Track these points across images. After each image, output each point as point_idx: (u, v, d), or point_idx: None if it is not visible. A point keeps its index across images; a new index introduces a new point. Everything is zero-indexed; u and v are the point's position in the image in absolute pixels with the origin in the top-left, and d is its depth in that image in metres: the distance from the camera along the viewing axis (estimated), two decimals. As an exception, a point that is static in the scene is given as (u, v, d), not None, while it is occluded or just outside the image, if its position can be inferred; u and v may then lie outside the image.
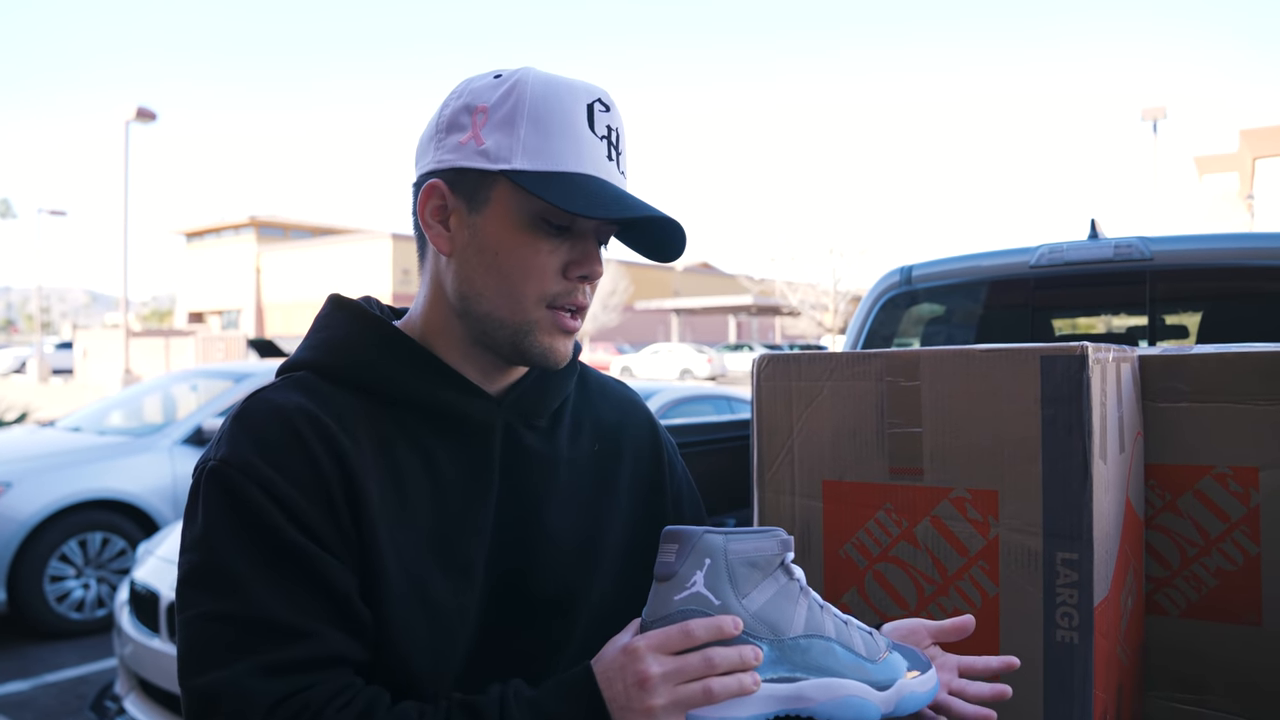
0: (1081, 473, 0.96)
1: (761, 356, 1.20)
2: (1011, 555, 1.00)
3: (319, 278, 41.83)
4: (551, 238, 0.82)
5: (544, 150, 0.80)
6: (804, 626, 0.77)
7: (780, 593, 0.77)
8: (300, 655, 0.72)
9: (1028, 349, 1.00)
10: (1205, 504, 1.21)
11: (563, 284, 0.83)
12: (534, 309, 0.82)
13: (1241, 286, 2.26)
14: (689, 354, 29.15)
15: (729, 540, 0.76)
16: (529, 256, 0.81)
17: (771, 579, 0.77)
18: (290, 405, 0.80)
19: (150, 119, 19.17)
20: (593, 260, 0.83)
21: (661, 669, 0.69)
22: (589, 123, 0.81)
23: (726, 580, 0.75)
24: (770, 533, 0.78)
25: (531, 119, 0.80)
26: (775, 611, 0.76)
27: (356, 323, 0.88)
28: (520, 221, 0.81)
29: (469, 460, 0.86)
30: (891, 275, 2.63)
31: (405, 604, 0.79)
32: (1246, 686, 1.18)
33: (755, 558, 0.76)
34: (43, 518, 4.66)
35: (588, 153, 0.81)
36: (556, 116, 0.80)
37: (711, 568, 0.75)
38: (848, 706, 0.75)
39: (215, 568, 0.74)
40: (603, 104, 0.83)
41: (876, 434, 1.10)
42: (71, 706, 3.81)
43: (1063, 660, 0.97)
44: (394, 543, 0.79)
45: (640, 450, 1.01)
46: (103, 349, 28.58)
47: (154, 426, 5.52)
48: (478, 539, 0.84)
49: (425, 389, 0.85)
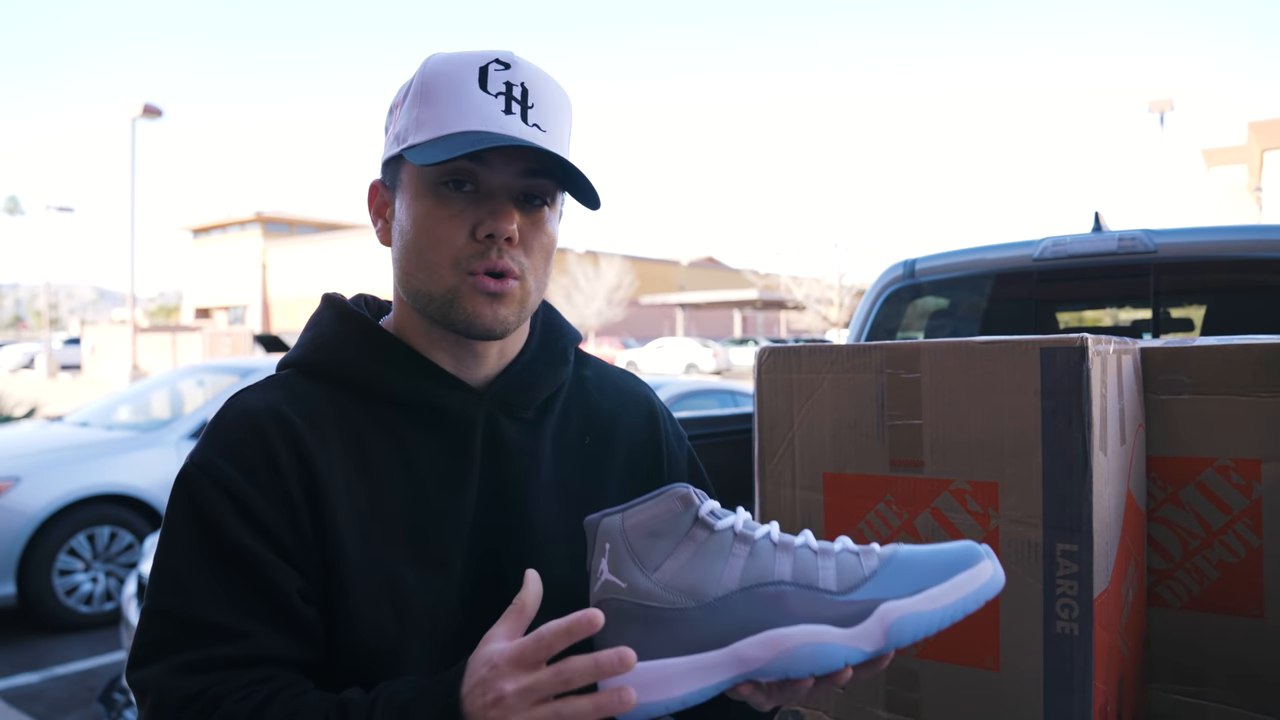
0: (1081, 464, 0.97)
1: (763, 349, 1.21)
2: (1012, 547, 1.01)
3: (325, 273, 41.90)
4: (456, 202, 0.82)
5: (431, 119, 0.82)
6: (739, 581, 0.69)
7: (699, 552, 0.70)
8: (225, 654, 0.74)
9: (1028, 341, 1.00)
10: (1207, 496, 1.21)
11: (473, 245, 0.82)
12: (450, 274, 0.82)
13: (1246, 279, 2.26)
14: (694, 348, 29.15)
15: (625, 518, 0.72)
16: (435, 224, 0.82)
17: (687, 541, 0.71)
18: (260, 407, 0.82)
19: (157, 115, 19.20)
20: (499, 218, 0.81)
21: (516, 686, 0.65)
22: (481, 83, 0.82)
23: (629, 559, 0.71)
24: (666, 493, 0.72)
25: (423, 94, 0.83)
26: (695, 574, 0.70)
27: (342, 320, 0.91)
28: (422, 192, 0.83)
29: (448, 453, 0.86)
30: (895, 269, 2.63)
31: (374, 598, 0.80)
32: (1248, 679, 1.18)
33: (656, 526, 0.71)
34: (51, 512, 4.69)
35: (475, 111, 0.81)
36: (444, 86, 0.82)
37: (612, 551, 0.71)
38: (800, 658, 0.66)
39: (165, 566, 0.78)
40: (500, 63, 0.83)
41: (877, 426, 1.10)
42: (80, 699, 3.84)
43: (1063, 651, 0.98)
44: (363, 537, 0.80)
45: (636, 440, 1.01)
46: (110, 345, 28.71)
47: (161, 421, 5.55)
48: (455, 532, 0.85)
49: (404, 383, 0.86)
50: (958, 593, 0.68)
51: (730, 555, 0.70)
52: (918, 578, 0.69)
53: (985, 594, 0.69)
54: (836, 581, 0.69)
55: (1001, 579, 0.70)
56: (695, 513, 0.72)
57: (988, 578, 0.70)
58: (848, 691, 1.15)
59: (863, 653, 0.67)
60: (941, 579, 0.69)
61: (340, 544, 0.79)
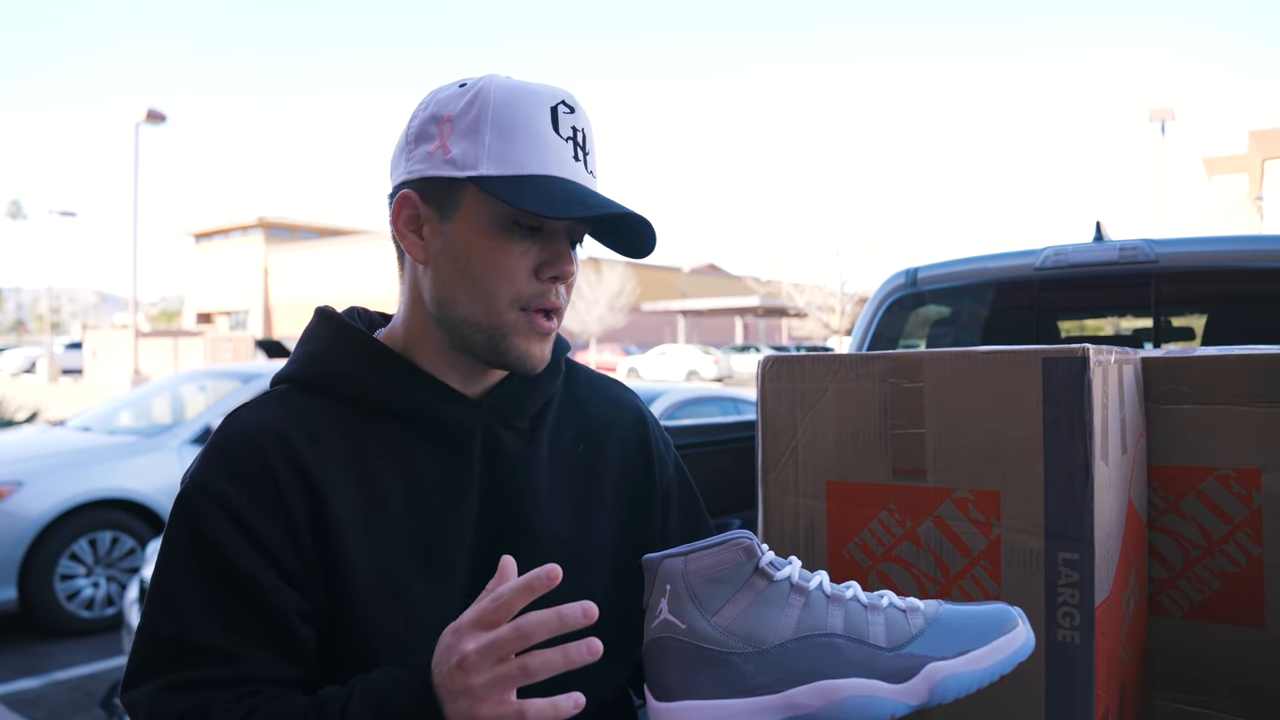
0: (1083, 474, 0.97)
1: (766, 358, 1.22)
2: (1013, 555, 1.01)
3: (327, 278, 41.98)
4: (522, 240, 0.83)
5: (508, 155, 0.81)
6: (794, 630, 0.73)
7: (758, 601, 0.74)
8: (216, 676, 0.74)
9: (1029, 351, 1.01)
10: (1208, 505, 1.21)
11: (535, 285, 0.83)
12: (508, 312, 0.83)
13: (1247, 289, 2.26)
14: (695, 355, 29.17)
15: (688, 562, 0.75)
16: (500, 260, 0.82)
17: (746, 589, 0.74)
18: (260, 424, 0.83)
19: (160, 121, 19.28)
20: (564, 260, 0.84)
21: (476, 645, 0.66)
22: (553, 125, 0.83)
23: (689, 602, 0.74)
24: (732, 541, 0.76)
25: (495, 125, 0.82)
26: (753, 621, 0.73)
27: (337, 335, 0.91)
28: (489, 226, 0.82)
29: (449, 464, 0.87)
30: (897, 277, 2.63)
31: (382, 610, 0.80)
32: (1249, 688, 1.19)
33: (718, 573, 0.75)
34: (53, 516, 4.70)
35: (553, 155, 0.82)
36: (520, 121, 0.82)
37: (673, 593, 0.75)
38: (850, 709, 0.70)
39: (161, 587, 0.78)
40: (567, 105, 0.84)
41: (880, 435, 1.11)
42: (81, 704, 3.84)
43: (1064, 660, 0.98)
44: (369, 550, 0.81)
45: (627, 449, 1.01)
46: (112, 349, 28.73)
47: (163, 426, 5.57)
48: (459, 542, 0.85)
49: (401, 395, 0.86)
50: (996, 656, 0.72)
51: (786, 605, 0.74)
52: (961, 639, 0.73)
53: (1019, 657, 0.74)
54: (886, 638, 0.73)
55: (1033, 642, 0.75)
56: (757, 563, 0.75)
57: (1022, 642, 0.75)
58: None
59: (908, 706, 0.71)
60: (982, 642, 0.73)
61: (345, 557, 0.80)
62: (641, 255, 0.88)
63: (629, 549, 0.96)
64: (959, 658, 0.71)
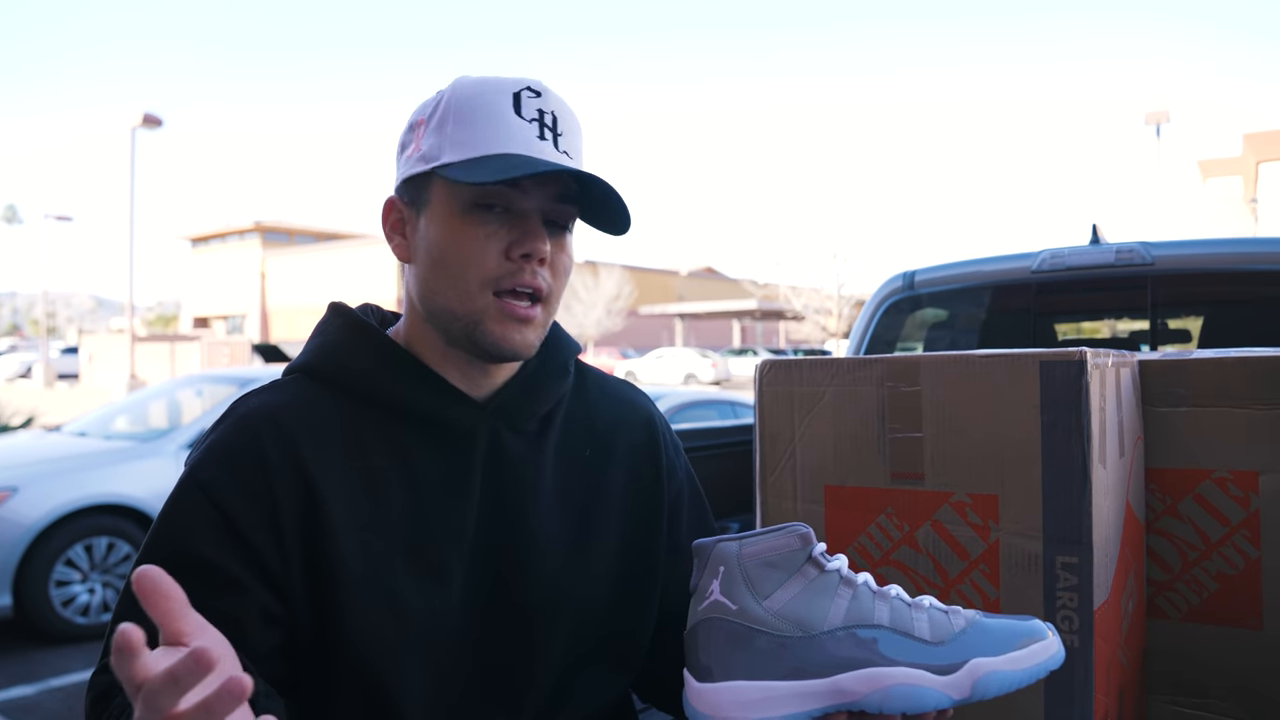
0: (1081, 477, 0.97)
1: (764, 362, 1.21)
2: (1012, 559, 1.01)
3: (324, 283, 41.93)
4: (489, 222, 0.83)
5: (468, 140, 0.82)
6: (843, 619, 0.74)
7: (809, 588, 0.75)
8: None
9: (1027, 354, 1.01)
10: (1205, 508, 1.22)
11: (505, 265, 0.83)
12: (480, 296, 0.83)
13: (1242, 291, 2.27)
14: (693, 358, 29.17)
15: (743, 545, 0.76)
16: (467, 243, 0.83)
17: (798, 576, 0.75)
18: (262, 413, 0.83)
19: (156, 125, 19.24)
20: (533, 238, 0.83)
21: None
22: (516, 109, 0.83)
23: (743, 584, 0.75)
24: (787, 530, 0.77)
25: (457, 116, 0.83)
26: (804, 607, 0.74)
27: (349, 329, 0.91)
28: (456, 211, 0.83)
29: (451, 465, 0.87)
30: (894, 280, 2.64)
31: (372, 612, 0.79)
32: (1247, 690, 1.19)
33: (772, 558, 0.76)
34: (49, 522, 4.67)
35: (516, 135, 0.82)
36: (480, 108, 0.83)
37: (726, 574, 0.75)
38: (896, 696, 0.71)
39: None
40: (532, 90, 0.84)
41: (877, 439, 1.11)
42: (77, 711, 3.82)
43: (1063, 663, 0.98)
44: (362, 547, 0.80)
45: (636, 451, 1.01)
46: (108, 354, 28.67)
47: (160, 431, 5.55)
48: (456, 545, 0.85)
49: (409, 393, 0.86)
50: (1034, 660, 0.74)
51: (836, 595, 0.75)
52: (1000, 642, 0.75)
53: (1051, 665, 0.76)
54: (930, 633, 0.74)
55: (1063, 654, 0.77)
56: (810, 551, 0.76)
57: (1054, 652, 0.76)
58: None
59: (951, 700, 0.72)
60: (1022, 646, 0.75)
61: (337, 556, 0.79)
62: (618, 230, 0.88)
63: (633, 555, 0.96)
64: (1001, 656, 0.73)
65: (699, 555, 0.78)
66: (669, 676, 0.98)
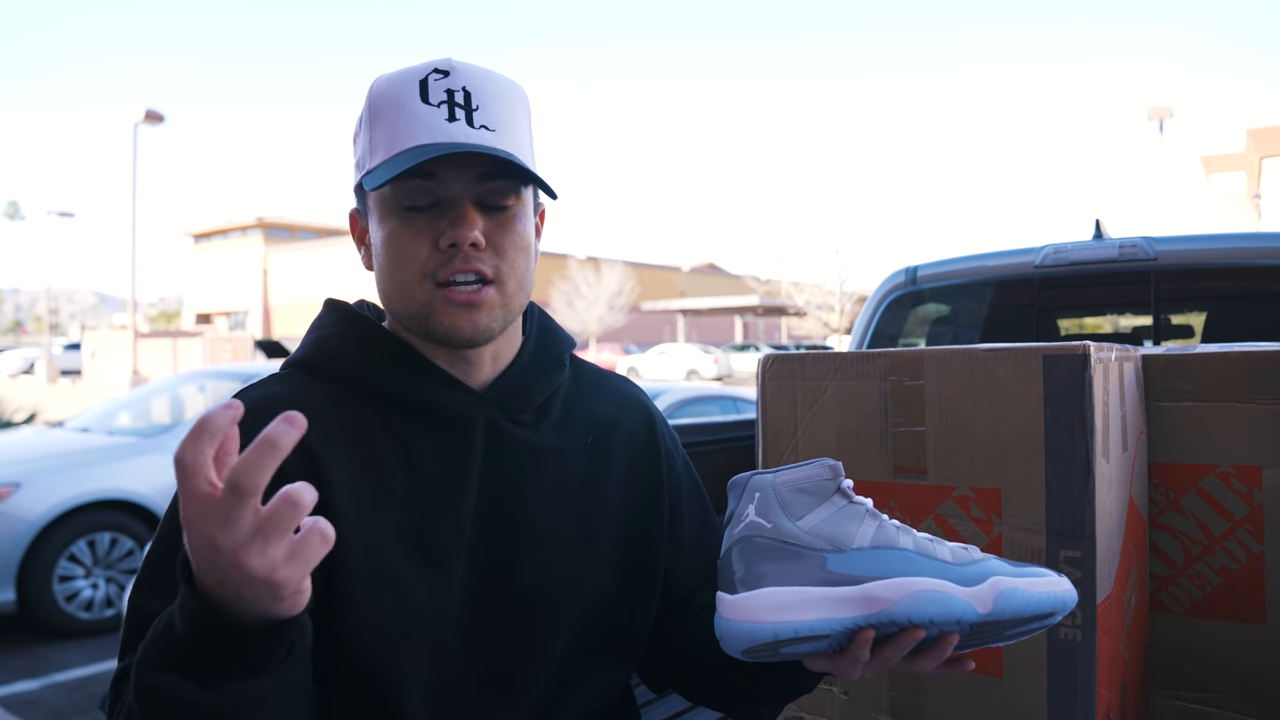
0: (1084, 471, 0.97)
1: (766, 356, 1.21)
2: (1015, 553, 1.01)
3: (326, 279, 41.93)
4: (418, 218, 0.83)
5: (382, 141, 0.83)
6: (871, 540, 0.77)
7: (840, 513, 0.78)
8: None
9: (1030, 348, 1.01)
10: (1209, 502, 1.21)
11: (438, 256, 0.83)
12: (420, 290, 0.84)
13: (1245, 286, 2.26)
14: (695, 354, 29.16)
15: (777, 475, 0.81)
16: (401, 242, 0.84)
17: (829, 503, 0.79)
18: (263, 403, 0.83)
19: (158, 121, 19.25)
20: (458, 225, 0.82)
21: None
22: (423, 95, 0.83)
23: (777, 506, 0.79)
24: (818, 463, 0.81)
25: (373, 116, 0.84)
26: (835, 527, 0.78)
27: (344, 322, 0.92)
28: (389, 213, 0.84)
29: (449, 454, 0.87)
30: (897, 275, 2.63)
31: (375, 601, 0.80)
32: (1250, 685, 1.18)
33: (804, 484, 0.80)
34: (52, 518, 4.68)
35: (422, 124, 0.82)
36: (391, 104, 0.83)
37: (761, 499, 0.80)
38: (924, 601, 0.72)
39: (146, 562, 0.80)
40: (439, 71, 0.84)
41: (880, 433, 1.10)
42: (80, 705, 3.83)
43: (1066, 657, 0.98)
44: (365, 536, 0.81)
45: (636, 444, 1.01)
46: (111, 350, 28.70)
47: (162, 427, 5.55)
48: (456, 533, 0.85)
49: (405, 383, 0.87)
50: (1050, 588, 0.75)
51: (864, 522, 0.78)
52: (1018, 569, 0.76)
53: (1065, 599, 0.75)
54: (952, 557, 0.77)
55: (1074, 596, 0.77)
56: (839, 483, 0.80)
57: (1066, 589, 0.76)
58: (851, 698, 1.15)
59: (975, 612, 0.73)
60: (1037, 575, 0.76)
61: (343, 541, 0.79)
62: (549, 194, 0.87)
63: (634, 545, 0.96)
64: (1020, 578, 0.74)
65: (734, 488, 0.82)
66: (674, 662, 0.98)
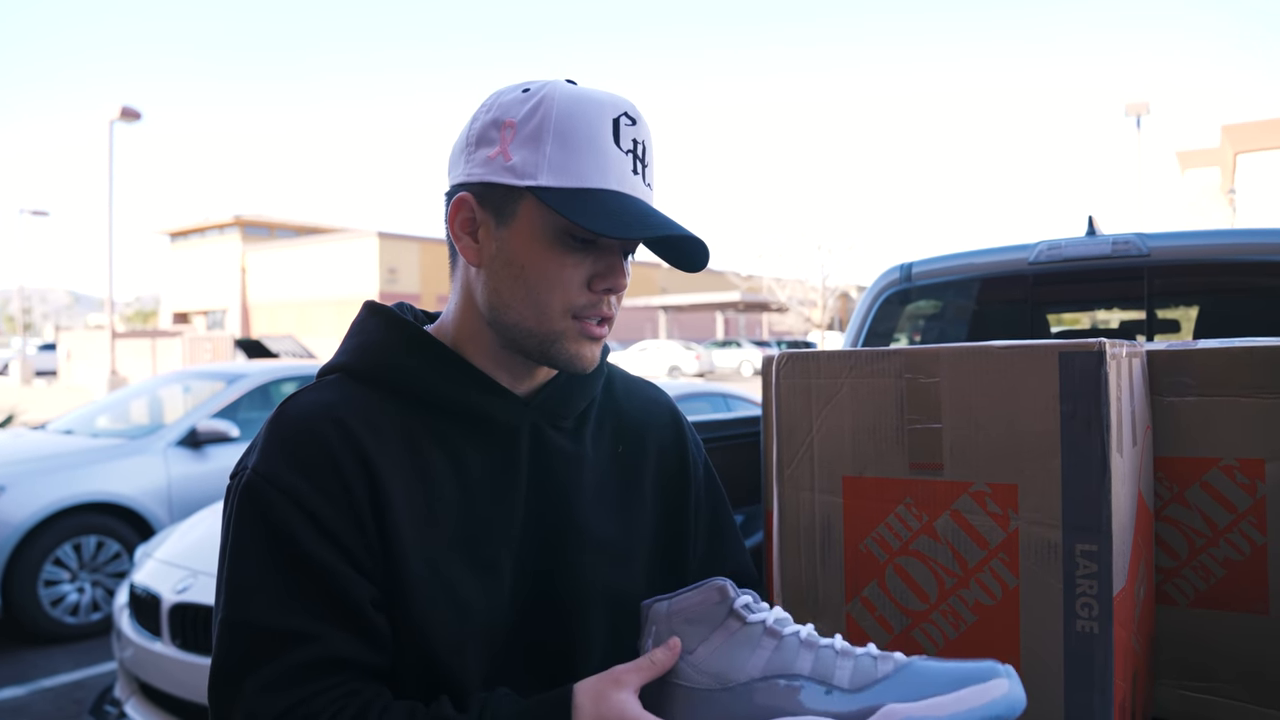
0: (1100, 466, 0.99)
1: (780, 354, 1.22)
2: (1031, 547, 1.02)
3: (305, 277, 41.58)
4: (576, 252, 0.83)
5: (569, 166, 0.81)
6: (762, 669, 0.76)
7: (730, 641, 0.78)
8: (301, 659, 0.75)
9: (1046, 345, 1.02)
10: (1213, 495, 1.23)
11: (587, 296, 0.84)
12: (559, 320, 0.84)
13: (1237, 281, 2.30)
14: (677, 351, 29.20)
15: (670, 605, 0.81)
16: (554, 270, 0.83)
17: (720, 629, 0.78)
18: (318, 411, 0.83)
19: (135, 118, 18.99)
20: (616, 274, 0.85)
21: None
22: (615, 138, 0.83)
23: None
24: (707, 585, 0.80)
25: (557, 135, 0.81)
26: (723, 659, 0.77)
27: (389, 327, 0.91)
28: (545, 236, 0.83)
29: (497, 461, 0.87)
30: (891, 272, 2.65)
31: (432, 603, 0.81)
32: (1254, 675, 1.21)
33: (694, 614, 0.80)
34: (37, 521, 4.63)
35: (613, 168, 0.82)
36: (582, 132, 0.82)
37: (656, 634, 0.81)
38: None
39: (237, 577, 0.78)
40: (629, 117, 0.84)
41: (896, 430, 1.12)
42: (69, 711, 3.80)
43: (1083, 649, 1.00)
44: (421, 542, 0.81)
45: (665, 449, 1.03)
46: (87, 350, 28.34)
47: (148, 428, 5.50)
48: (506, 538, 0.86)
49: (453, 390, 0.87)
50: (961, 705, 0.70)
51: (759, 646, 0.77)
52: (927, 687, 0.72)
53: (995, 710, 0.70)
54: (850, 680, 0.74)
55: (1021, 700, 0.71)
56: (730, 605, 0.79)
57: (999, 694, 0.71)
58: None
59: None
60: (949, 690, 0.71)
61: (401, 547, 0.80)
62: (693, 270, 0.90)
63: (665, 548, 0.97)
64: (918, 702, 0.70)
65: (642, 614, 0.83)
66: None
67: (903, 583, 1.11)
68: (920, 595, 1.09)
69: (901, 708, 0.70)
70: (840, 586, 1.15)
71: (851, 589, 1.14)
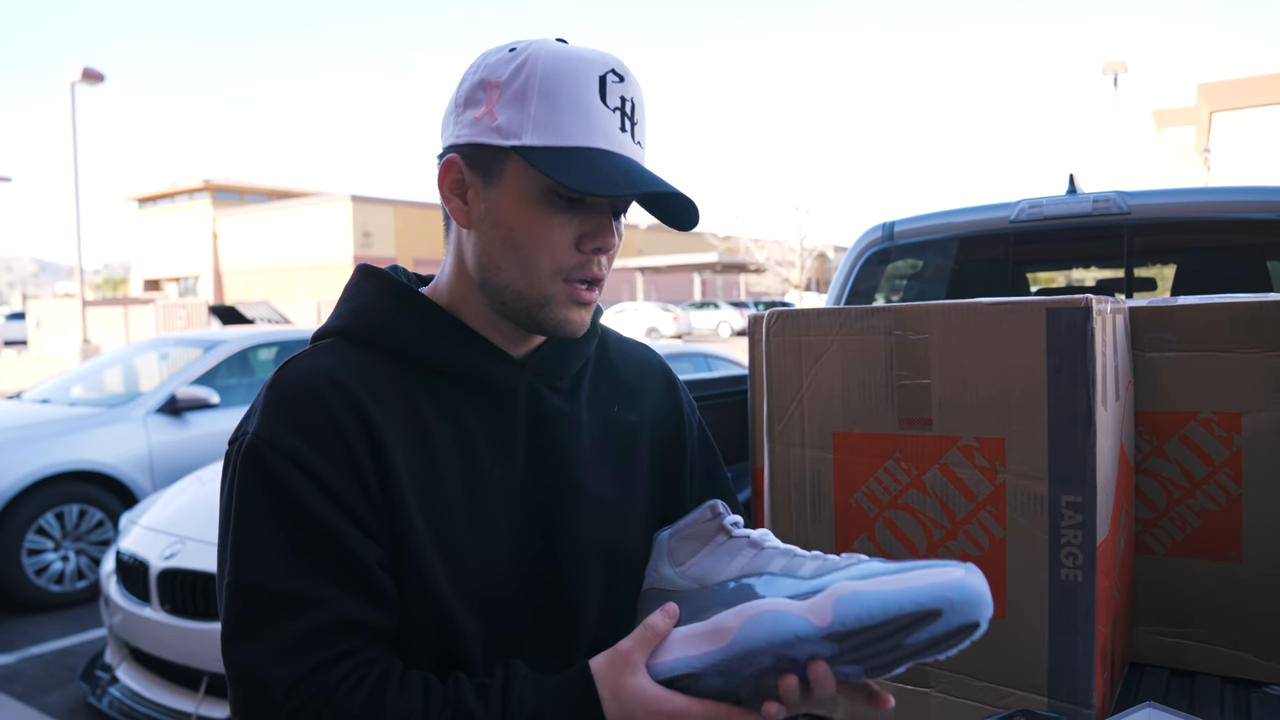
0: (1086, 420, 1.01)
1: (770, 313, 1.23)
2: (1018, 499, 1.05)
3: (278, 242, 40.99)
4: (563, 211, 0.83)
5: (554, 125, 0.80)
6: (739, 571, 0.82)
7: (716, 551, 0.86)
8: (311, 624, 0.75)
9: (1034, 302, 1.04)
10: (1190, 448, 1.27)
11: (576, 257, 0.84)
12: (549, 283, 0.84)
13: (1214, 239, 2.33)
14: (655, 313, 29.17)
15: (674, 529, 0.91)
16: (542, 231, 0.83)
17: (710, 543, 0.87)
18: (317, 374, 0.83)
19: (98, 80, 18.49)
20: (605, 233, 0.84)
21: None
22: (601, 95, 0.82)
23: (665, 557, 0.90)
24: (704, 505, 0.89)
25: (542, 93, 0.81)
26: (706, 566, 0.85)
27: (383, 290, 0.90)
28: (532, 196, 0.82)
29: (495, 421, 0.88)
30: (873, 231, 2.66)
31: (435, 561, 0.82)
32: (1228, 618, 1.25)
33: (689, 531, 0.89)
34: (18, 491, 4.59)
35: (599, 126, 0.82)
36: (567, 90, 0.81)
37: (656, 555, 0.91)
38: (759, 623, 0.74)
39: (240, 540, 0.78)
40: (616, 74, 0.83)
41: (885, 386, 1.14)
42: (60, 678, 3.81)
43: (1067, 597, 1.03)
44: (423, 502, 0.82)
45: (659, 409, 1.04)
46: (57, 319, 27.90)
47: (126, 396, 5.44)
48: (506, 498, 0.87)
49: (450, 352, 0.87)
50: (906, 583, 0.70)
51: (739, 554, 0.85)
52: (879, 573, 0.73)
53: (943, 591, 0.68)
54: (813, 573, 0.78)
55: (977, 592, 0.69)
56: (720, 521, 0.88)
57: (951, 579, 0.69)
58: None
59: (811, 625, 0.72)
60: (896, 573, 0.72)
61: (404, 508, 0.81)
62: (682, 228, 0.89)
63: (662, 507, 0.98)
64: (866, 580, 0.72)
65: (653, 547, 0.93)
66: None
67: (892, 535, 1.14)
68: (909, 548, 1.12)
69: (848, 584, 0.72)
70: (830, 540, 1.18)
71: (841, 542, 1.16)
